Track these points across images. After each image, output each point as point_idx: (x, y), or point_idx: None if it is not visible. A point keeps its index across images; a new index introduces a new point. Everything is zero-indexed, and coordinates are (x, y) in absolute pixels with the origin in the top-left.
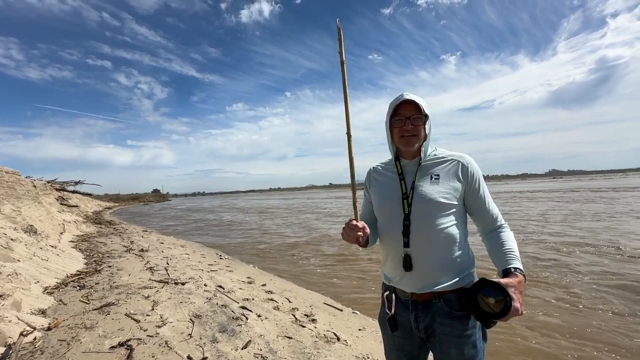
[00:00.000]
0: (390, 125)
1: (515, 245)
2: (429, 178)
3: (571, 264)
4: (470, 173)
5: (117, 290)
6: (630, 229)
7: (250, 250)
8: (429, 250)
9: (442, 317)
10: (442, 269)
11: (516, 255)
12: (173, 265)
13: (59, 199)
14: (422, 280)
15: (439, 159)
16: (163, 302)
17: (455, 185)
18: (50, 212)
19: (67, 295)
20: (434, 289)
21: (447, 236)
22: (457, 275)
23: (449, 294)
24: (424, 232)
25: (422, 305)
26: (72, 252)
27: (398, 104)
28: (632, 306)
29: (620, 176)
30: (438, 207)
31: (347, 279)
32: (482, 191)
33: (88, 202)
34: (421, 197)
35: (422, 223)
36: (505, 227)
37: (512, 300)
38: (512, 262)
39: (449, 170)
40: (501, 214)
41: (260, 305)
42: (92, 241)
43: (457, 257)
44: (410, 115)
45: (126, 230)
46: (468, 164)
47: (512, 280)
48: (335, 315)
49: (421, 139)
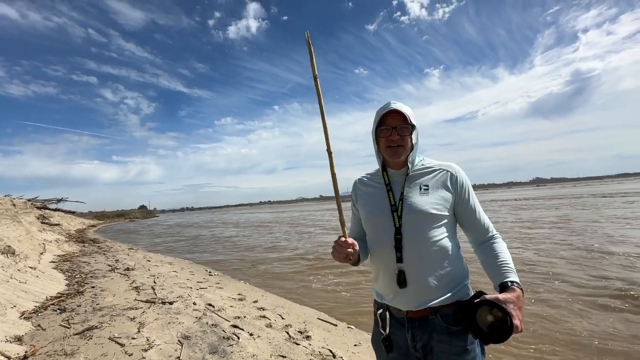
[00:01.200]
0: (376, 134)
1: (509, 256)
2: (417, 189)
3: (560, 271)
4: (459, 183)
5: (101, 313)
6: (617, 233)
7: (240, 266)
8: (423, 264)
9: (440, 333)
10: (437, 283)
11: (512, 267)
12: (160, 283)
13: (39, 218)
14: (417, 297)
15: (427, 168)
16: (150, 324)
17: (445, 195)
18: (30, 232)
19: (46, 319)
20: (429, 305)
21: (441, 249)
22: (453, 289)
23: (445, 308)
24: (417, 245)
25: (419, 322)
26: (52, 273)
27: (384, 113)
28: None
29: (600, 183)
30: (429, 218)
31: (341, 292)
32: (472, 201)
33: (71, 220)
34: (411, 208)
35: (415, 236)
36: (498, 237)
37: (512, 317)
38: (509, 275)
39: (437, 180)
40: (492, 223)
41: (252, 323)
42: (74, 261)
43: (452, 270)
44: (396, 125)
45: (111, 249)
46: (457, 174)
47: (511, 296)
48: (329, 331)
49: (408, 149)
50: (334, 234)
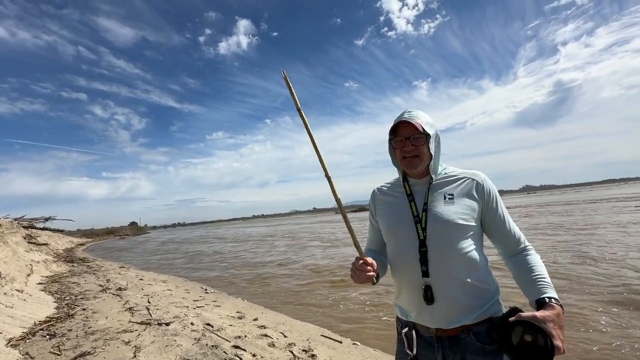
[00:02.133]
0: (391, 145)
1: (545, 270)
2: (442, 198)
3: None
4: (486, 191)
5: (93, 337)
6: (608, 238)
7: (236, 281)
8: (451, 278)
9: (474, 353)
10: (467, 298)
11: (549, 282)
12: (155, 303)
13: (26, 238)
14: (446, 313)
15: (451, 177)
16: (146, 347)
17: (472, 204)
18: (16, 253)
19: (34, 346)
20: (461, 323)
21: (470, 261)
22: (484, 305)
23: (478, 326)
24: (444, 258)
25: (449, 341)
26: (40, 295)
27: (396, 124)
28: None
29: (587, 189)
30: (456, 229)
31: (343, 306)
32: (501, 210)
33: (59, 239)
34: (437, 219)
35: (441, 249)
36: (531, 249)
37: (552, 337)
38: (546, 291)
39: (463, 189)
40: (522, 234)
41: (254, 343)
42: (63, 282)
43: (482, 284)
44: (409, 136)
45: (101, 268)
46: (483, 182)
47: (549, 314)
48: (335, 349)
49: (425, 159)
50: (334, 248)
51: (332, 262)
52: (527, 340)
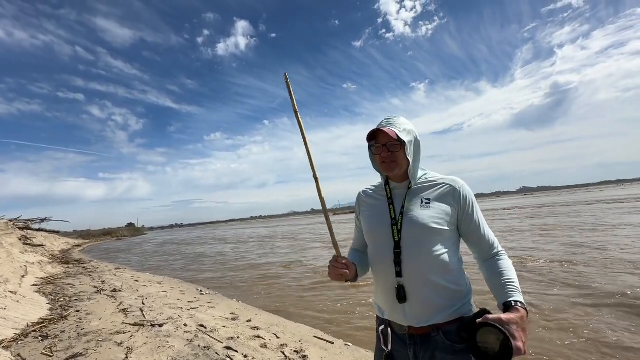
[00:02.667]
0: (371, 151)
1: (514, 274)
2: (419, 202)
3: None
4: (462, 197)
5: (86, 338)
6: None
7: (232, 283)
8: (423, 279)
9: (443, 352)
10: (438, 298)
11: (516, 286)
12: (149, 305)
13: (22, 239)
14: (418, 313)
15: (430, 182)
16: (138, 348)
17: (447, 209)
18: (11, 254)
19: (26, 348)
20: (431, 322)
21: (442, 263)
22: (455, 305)
23: (448, 325)
24: (416, 260)
25: (421, 339)
26: (34, 297)
27: (373, 131)
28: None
29: (583, 190)
30: (429, 232)
31: (337, 308)
32: (477, 216)
33: (55, 241)
34: (412, 222)
35: (414, 251)
36: (503, 254)
37: (514, 338)
38: (513, 295)
39: (440, 194)
40: (496, 240)
41: (247, 344)
42: (58, 283)
43: (454, 286)
44: (385, 142)
45: (97, 269)
46: (460, 188)
47: (514, 316)
48: (327, 350)
49: (402, 164)
50: (331, 249)
51: (323, 263)
52: (490, 340)
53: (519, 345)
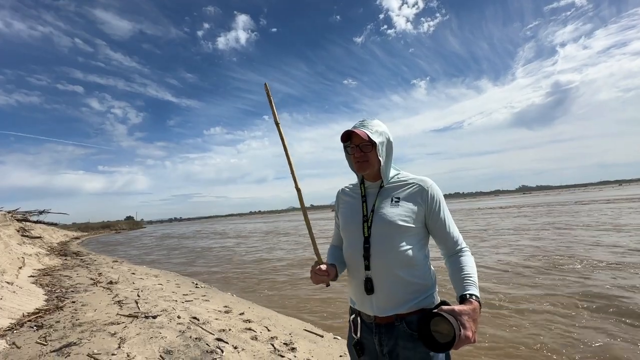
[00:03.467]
0: (346, 151)
1: (473, 270)
2: (389, 201)
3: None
4: (430, 196)
5: (80, 329)
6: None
7: (227, 277)
8: (389, 273)
9: (405, 339)
10: (403, 291)
11: (473, 281)
12: (144, 297)
13: (20, 231)
14: (383, 303)
15: (401, 182)
16: (131, 339)
17: (415, 208)
18: (8, 245)
19: (21, 337)
20: (395, 312)
21: (407, 258)
22: (418, 297)
23: (410, 315)
24: (383, 255)
25: (385, 328)
26: (31, 288)
27: (347, 132)
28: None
29: (582, 190)
30: (397, 229)
31: (328, 303)
32: (443, 214)
33: (53, 233)
34: (381, 219)
35: (381, 246)
36: (466, 250)
37: (464, 328)
38: (469, 288)
39: (409, 193)
40: (462, 236)
41: (237, 336)
42: (55, 275)
43: (418, 279)
44: (359, 143)
45: (94, 262)
46: (429, 188)
47: (466, 308)
48: (315, 342)
49: (374, 165)
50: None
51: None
52: (443, 329)
53: (468, 334)
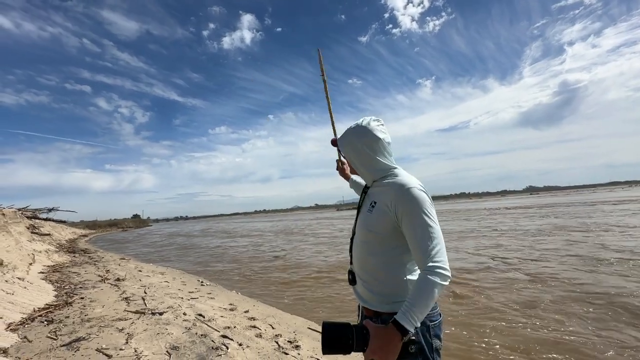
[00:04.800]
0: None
1: (422, 296)
2: (369, 205)
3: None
4: (399, 203)
5: (89, 324)
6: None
7: (233, 275)
8: (363, 272)
9: None
10: (374, 292)
11: (411, 309)
12: (151, 294)
13: (30, 228)
14: (363, 296)
15: (382, 185)
16: (138, 335)
17: (386, 215)
18: (19, 242)
19: (32, 331)
20: (374, 308)
21: (377, 264)
22: (390, 301)
23: (386, 315)
24: (357, 254)
25: (368, 319)
26: (41, 284)
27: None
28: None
29: (591, 191)
30: (368, 236)
31: (332, 301)
32: (413, 224)
33: (62, 230)
34: (360, 223)
35: (358, 247)
36: (429, 270)
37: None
38: (398, 315)
39: (384, 199)
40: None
41: (242, 333)
42: (64, 271)
43: (390, 285)
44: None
45: (102, 259)
46: (400, 194)
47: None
48: (319, 341)
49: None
50: (335, 245)
51: (330, 259)
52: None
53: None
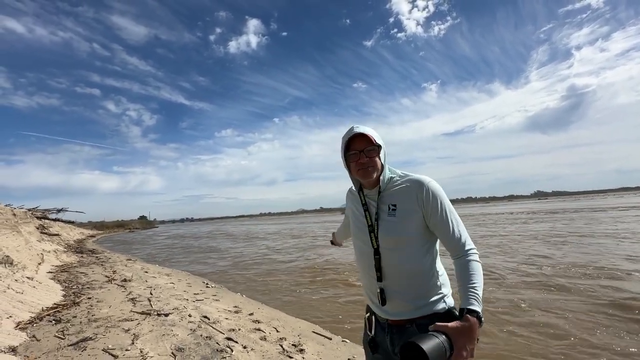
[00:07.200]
0: (346, 160)
1: (478, 278)
2: (387, 209)
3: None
4: (425, 198)
5: (96, 324)
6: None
7: (238, 278)
8: (399, 283)
9: None
10: (413, 299)
11: (476, 293)
12: (157, 295)
13: (39, 228)
14: (396, 310)
15: (397, 186)
16: (144, 335)
17: (413, 213)
18: (29, 242)
19: (41, 330)
20: (407, 317)
21: (415, 267)
22: (430, 302)
23: (421, 319)
24: (392, 266)
25: (397, 329)
26: (49, 283)
27: (349, 138)
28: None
29: (600, 197)
30: (399, 241)
31: (338, 305)
32: (443, 215)
33: (70, 230)
34: (384, 230)
35: (390, 257)
36: (472, 254)
37: (456, 347)
38: (470, 302)
39: (405, 199)
40: (470, 237)
41: (247, 336)
42: (72, 271)
43: (427, 286)
44: (363, 148)
45: (109, 259)
46: (424, 189)
47: (460, 326)
48: (324, 345)
49: (378, 169)
50: (334, 249)
51: (335, 263)
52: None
53: (461, 354)
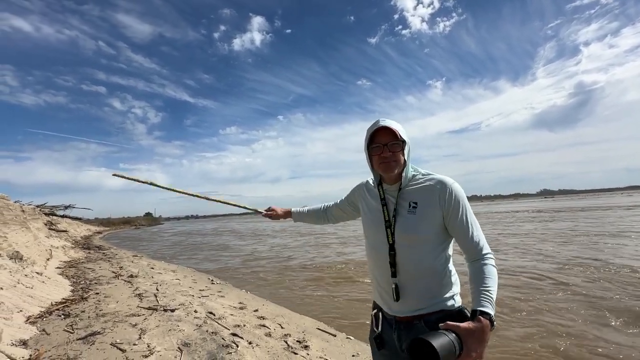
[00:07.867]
0: (369, 152)
1: (492, 282)
2: (407, 206)
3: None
4: (447, 199)
5: (104, 319)
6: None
7: (243, 274)
8: (413, 280)
9: None
10: (425, 296)
11: (489, 296)
12: (163, 291)
13: (47, 224)
14: (406, 307)
15: (419, 183)
16: (151, 330)
17: (433, 213)
18: (37, 238)
19: (50, 324)
20: (415, 313)
21: (430, 266)
22: (439, 300)
23: (429, 315)
24: (407, 262)
25: (404, 325)
26: (58, 279)
27: (374, 130)
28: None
29: (608, 195)
30: (416, 239)
31: (343, 302)
32: (463, 218)
33: (78, 227)
34: (401, 227)
35: (405, 254)
36: (488, 258)
37: (466, 348)
38: (483, 304)
39: (426, 197)
40: (487, 242)
41: (252, 332)
42: (79, 267)
43: (440, 284)
44: (387, 142)
45: (115, 256)
46: (447, 190)
47: (472, 327)
48: (328, 341)
49: (401, 165)
50: (349, 246)
51: (340, 260)
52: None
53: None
